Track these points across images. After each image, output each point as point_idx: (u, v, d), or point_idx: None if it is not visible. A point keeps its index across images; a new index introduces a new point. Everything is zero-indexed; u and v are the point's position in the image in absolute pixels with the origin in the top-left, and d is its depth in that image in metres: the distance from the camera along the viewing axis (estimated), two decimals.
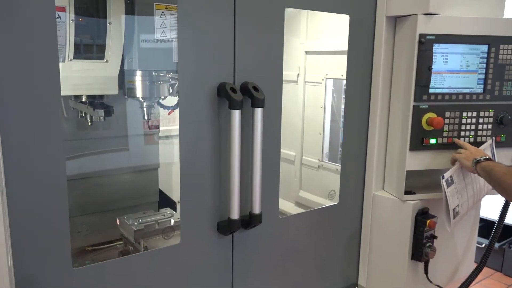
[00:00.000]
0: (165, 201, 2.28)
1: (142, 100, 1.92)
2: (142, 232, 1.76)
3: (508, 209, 2.00)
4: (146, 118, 1.99)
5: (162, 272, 1.42)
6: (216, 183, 1.48)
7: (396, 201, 1.84)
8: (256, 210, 1.50)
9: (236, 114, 1.39)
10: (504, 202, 1.99)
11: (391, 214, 1.86)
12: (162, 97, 1.95)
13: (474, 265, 2.10)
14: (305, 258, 1.83)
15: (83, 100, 1.86)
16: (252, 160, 1.47)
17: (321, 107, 2.57)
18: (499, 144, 1.81)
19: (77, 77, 1.72)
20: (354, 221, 1.97)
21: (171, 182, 2.39)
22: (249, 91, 1.44)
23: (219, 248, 1.54)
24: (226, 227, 1.49)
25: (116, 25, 1.73)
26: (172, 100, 1.99)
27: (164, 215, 1.91)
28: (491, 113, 1.79)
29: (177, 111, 2.02)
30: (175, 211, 2.24)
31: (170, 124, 2.37)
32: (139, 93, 1.85)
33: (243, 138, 1.45)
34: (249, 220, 1.51)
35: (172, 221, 1.85)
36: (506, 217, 2.01)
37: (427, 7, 1.64)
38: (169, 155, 2.41)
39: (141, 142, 2.31)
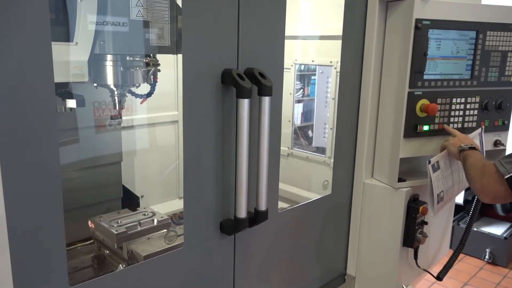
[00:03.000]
0: (127, 197, 2.11)
1: (114, 88, 1.72)
2: (125, 235, 1.58)
3: None
4: (117, 108, 1.79)
5: (165, 279, 1.28)
6: (219, 179, 1.36)
7: (388, 188, 1.82)
8: (262, 206, 1.40)
9: (245, 103, 1.26)
10: None
11: (383, 202, 1.84)
12: (136, 85, 1.76)
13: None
14: (298, 251, 1.76)
15: None
16: (259, 153, 1.36)
17: (290, 93, 2.50)
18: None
19: None
20: (343, 211, 1.93)
21: (133, 176, 2.22)
22: (255, 78, 1.32)
23: (222, 249, 1.42)
24: (231, 226, 1.37)
25: (88, 2, 1.52)
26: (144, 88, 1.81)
27: (144, 215, 1.74)
28: (477, 99, 1.82)
29: (153, 100, 1.87)
30: (138, 206, 2.08)
31: (127, 113, 2.20)
32: (110, 80, 1.66)
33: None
34: (254, 218, 1.40)
35: (155, 220, 1.69)
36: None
37: None
38: (130, 146, 2.24)
39: (102, 134, 2.10)
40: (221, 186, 1.37)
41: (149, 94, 1.83)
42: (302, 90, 2.68)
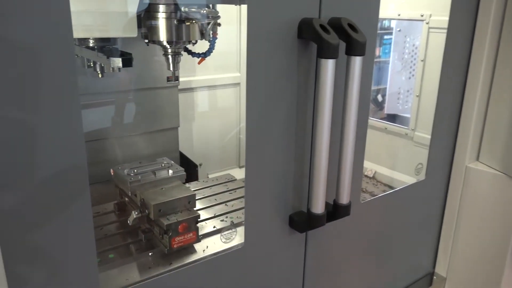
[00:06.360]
0: (185, 165, 1.93)
1: (167, 45, 1.46)
2: (138, 184, 1.42)
3: None
4: (171, 69, 1.54)
5: (222, 282, 1.04)
6: (290, 163, 1.06)
7: (500, 176, 1.44)
8: (344, 199, 1.09)
9: (330, 65, 0.94)
10: None
11: (492, 192, 1.47)
12: (193, 42, 1.49)
13: None
14: (379, 246, 1.45)
15: (91, 45, 1.42)
16: (343, 130, 1.04)
17: None
18: None
19: (87, 14, 1.25)
20: (438, 199, 1.58)
21: (191, 142, 2.04)
22: (343, 31, 0.98)
23: (290, 248, 1.14)
24: (303, 222, 1.08)
25: None
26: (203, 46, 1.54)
27: (161, 165, 1.55)
28: None
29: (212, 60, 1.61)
30: (197, 174, 1.87)
31: (184, 74, 1.99)
32: (162, 36, 1.40)
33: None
34: (333, 212, 1.10)
35: (171, 171, 1.50)
36: None
37: None
38: (188, 111, 2.05)
39: (157, 97, 1.92)
40: (292, 171, 1.07)
41: (207, 53, 1.57)
42: None
